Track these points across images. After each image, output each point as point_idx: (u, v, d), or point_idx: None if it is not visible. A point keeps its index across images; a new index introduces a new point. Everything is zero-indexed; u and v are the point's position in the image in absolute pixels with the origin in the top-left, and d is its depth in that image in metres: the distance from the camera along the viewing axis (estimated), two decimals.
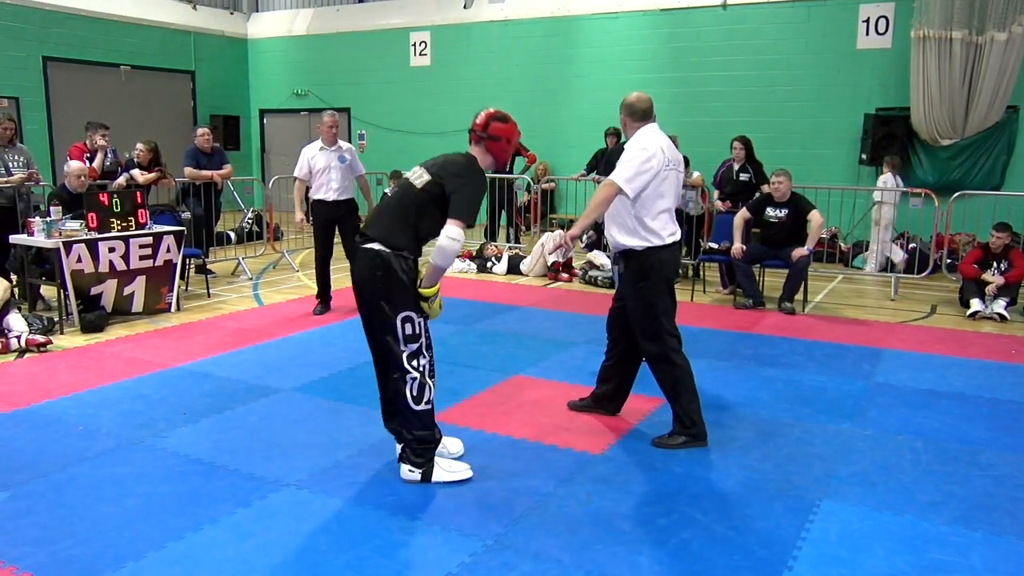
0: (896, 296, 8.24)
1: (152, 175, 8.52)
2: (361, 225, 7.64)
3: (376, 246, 3.49)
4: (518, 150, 11.17)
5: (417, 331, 3.52)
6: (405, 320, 3.49)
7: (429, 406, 3.59)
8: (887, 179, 9.40)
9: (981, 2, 9.80)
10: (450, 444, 3.89)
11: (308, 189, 7.23)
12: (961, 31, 9.91)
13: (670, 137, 4.27)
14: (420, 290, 3.51)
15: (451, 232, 3.46)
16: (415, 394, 3.54)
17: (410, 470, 3.64)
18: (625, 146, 4.13)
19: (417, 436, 3.60)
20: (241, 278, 8.97)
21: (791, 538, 3.18)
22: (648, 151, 3.97)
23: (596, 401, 4.58)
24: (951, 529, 3.28)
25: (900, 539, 3.19)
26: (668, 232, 4.08)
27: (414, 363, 3.52)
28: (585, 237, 9.89)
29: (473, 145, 3.69)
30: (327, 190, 6.99)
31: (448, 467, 3.67)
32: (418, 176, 3.60)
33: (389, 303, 3.48)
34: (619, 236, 4.12)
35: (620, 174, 3.95)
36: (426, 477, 3.62)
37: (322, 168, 6.96)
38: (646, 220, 4.02)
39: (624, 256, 4.16)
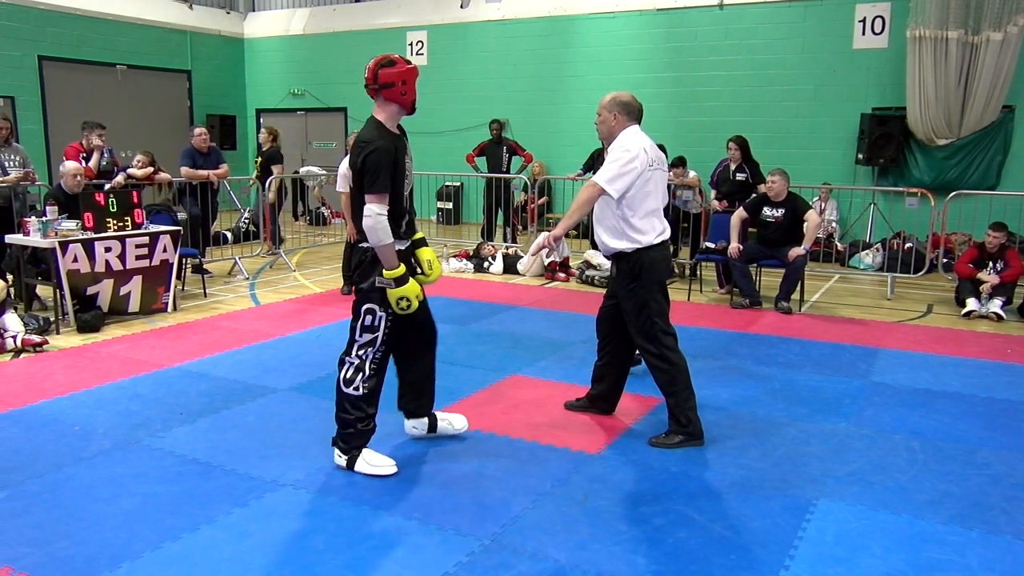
0: (892, 295, 8.26)
1: (148, 169, 8.52)
2: None
3: (363, 243, 3.64)
4: (514, 149, 11.17)
5: (375, 324, 3.63)
6: (367, 312, 3.64)
7: (358, 392, 3.67)
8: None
9: (977, 2, 9.83)
10: (454, 420, 4.16)
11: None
12: (957, 31, 9.93)
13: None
14: (384, 274, 3.54)
15: (366, 211, 3.47)
16: (347, 377, 3.68)
17: (338, 455, 3.76)
18: (609, 148, 4.13)
19: (341, 419, 3.72)
20: (238, 278, 8.96)
21: (788, 537, 3.19)
22: (631, 152, 3.97)
23: (591, 401, 4.58)
24: (948, 528, 3.28)
25: (897, 538, 3.20)
26: (656, 232, 4.09)
27: (361, 352, 3.67)
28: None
29: (375, 103, 3.63)
30: None
31: (371, 460, 3.73)
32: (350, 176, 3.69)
33: (359, 292, 3.67)
34: (608, 240, 4.13)
35: (602, 175, 3.96)
36: (350, 465, 3.73)
37: None
38: (633, 221, 4.03)
39: (615, 258, 4.18)
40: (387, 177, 3.49)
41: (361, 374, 3.66)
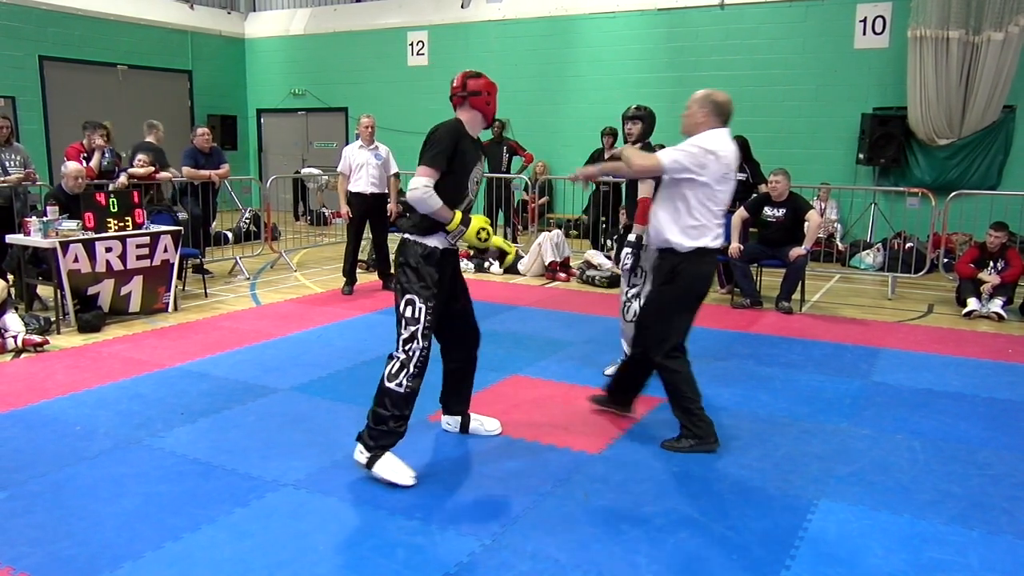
0: (893, 295, 8.26)
1: (150, 168, 8.52)
2: (390, 219, 7.93)
3: (402, 234, 3.75)
4: (514, 149, 11.17)
5: (416, 315, 3.63)
6: (407, 303, 3.65)
7: (401, 389, 3.61)
8: None
9: (978, 2, 9.82)
10: (487, 423, 4.24)
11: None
12: (958, 31, 9.93)
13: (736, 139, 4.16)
14: (448, 230, 3.67)
15: (412, 183, 3.58)
16: (392, 372, 3.64)
17: (360, 451, 3.69)
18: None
19: (376, 413, 3.64)
20: (238, 278, 8.97)
21: (789, 537, 3.19)
22: (706, 148, 3.84)
23: (612, 397, 4.52)
24: (949, 528, 3.28)
25: (898, 538, 3.20)
26: (712, 237, 3.95)
27: (407, 348, 3.65)
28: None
29: (459, 109, 3.81)
30: (364, 184, 7.88)
31: (392, 465, 3.63)
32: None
33: (399, 285, 3.70)
34: (666, 230, 3.97)
35: (668, 151, 3.86)
36: (369, 464, 3.65)
37: (360, 164, 7.91)
38: (700, 218, 3.90)
39: (661, 253, 4.07)
40: (443, 157, 3.59)
41: (405, 371, 3.63)
